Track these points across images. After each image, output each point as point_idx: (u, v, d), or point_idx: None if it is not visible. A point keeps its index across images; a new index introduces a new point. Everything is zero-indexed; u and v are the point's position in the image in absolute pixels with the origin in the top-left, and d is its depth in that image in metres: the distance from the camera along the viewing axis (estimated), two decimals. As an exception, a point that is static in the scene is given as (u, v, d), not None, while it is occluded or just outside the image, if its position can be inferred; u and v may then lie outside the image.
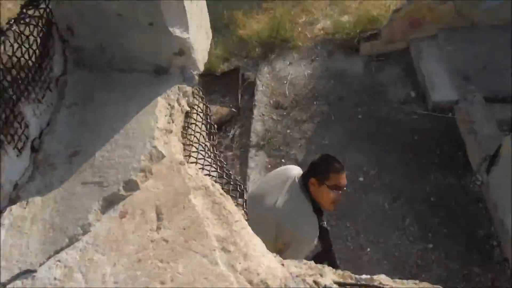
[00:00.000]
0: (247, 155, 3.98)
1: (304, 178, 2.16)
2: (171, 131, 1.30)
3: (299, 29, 5.33)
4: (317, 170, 2.12)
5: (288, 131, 4.20)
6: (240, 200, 1.29)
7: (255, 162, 3.88)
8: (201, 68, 1.51)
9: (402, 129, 4.11)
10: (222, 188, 1.22)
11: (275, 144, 4.06)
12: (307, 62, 4.94)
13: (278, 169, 2.41)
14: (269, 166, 3.89)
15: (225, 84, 4.87)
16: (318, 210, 2.16)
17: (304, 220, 2.10)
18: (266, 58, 5.01)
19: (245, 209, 1.26)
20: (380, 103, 4.38)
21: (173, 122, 1.33)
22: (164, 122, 1.30)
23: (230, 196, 1.25)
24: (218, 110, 4.46)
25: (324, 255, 2.38)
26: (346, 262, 3.20)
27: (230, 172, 1.46)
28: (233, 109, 4.54)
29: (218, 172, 1.40)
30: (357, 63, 4.86)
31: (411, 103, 4.40)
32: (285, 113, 4.38)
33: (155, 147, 1.21)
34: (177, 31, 1.34)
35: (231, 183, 1.36)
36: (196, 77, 1.47)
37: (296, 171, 2.28)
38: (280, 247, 2.07)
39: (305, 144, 4.06)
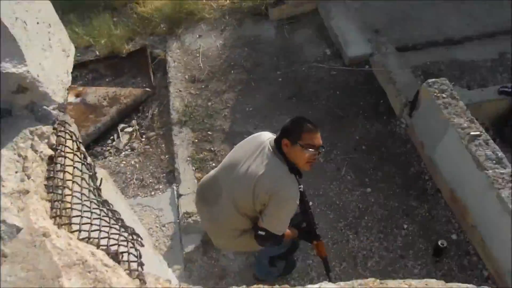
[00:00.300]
0: (171, 133, 3.67)
1: (277, 141, 2.08)
2: (27, 192, 0.98)
3: (204, 0, 5.08)
4: (289, 131, 2.05)
5: (210, 103, 3.95)
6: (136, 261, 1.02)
7: (181, 139, 3.59)
8: (62, 96, 1.19)
9: (324, 86, 4.07)
10: (110, 252, 0.95)
11: (198, 118, 3.79)
12: (217, 33, 4.71)
13: (249, 137, 2.29)
14: (196, 140, 3.62)
15: (134, 65, 4.48)
16: (296, 171, 2.09)
17: (282, 180, 2.03)
18: (174, 33, 4.69)
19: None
20: (298, 64, 4.30)
21: (29, 178, 1.01)
22: (14, 182, 0.97)
23: (127, 252, 1.00)
24: (131, 92, 4.07)
25: (302, 217, 2.33)
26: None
27: (121, 218, 1.16)
28: (147, 89, 4.17)
29: (108, 225, 1.10)
30: (269, 28, 4.74)
31: (328, 61, 4.37)
32: (203, 86, 4.13)
33: (3, 221, 0.88)
34: (7, 66, 1.02)
35: (126, 235, 1.09)
36: (56, 112, 1.16)
37: (267, 136, 2.21)
38: (260, 208, 2.05)
39: (229, 114, 3.84)
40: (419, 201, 3.15)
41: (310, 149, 2.03)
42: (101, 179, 1.26)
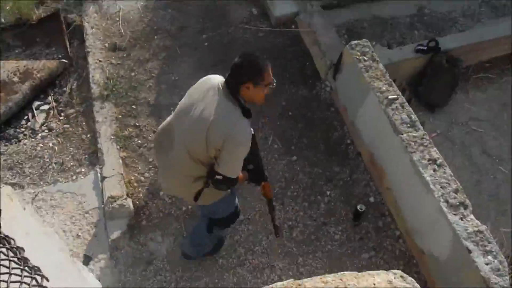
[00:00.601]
0: (92, 109, 3.50)
1: (231, 85, 2.09)
2: None
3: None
4: (250, 74, 2.05)
5: (133, 73, 3.77)
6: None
7: (103, 116, 3.43)
8: None
9: (251, 48, 3.99)
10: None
11: (121, 91, 3.63)
12: (138, -7, 4.42)
13: (199, 81, 2.30)
14: (120, 116, 3.49)
15: (46, 32, 4.12)
16: (247, 113, 2.12)
17: (237, 125, 2.06)
18: (90, -5, 4.34)
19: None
20: (224, 26, 4.17)
21: None
22: None
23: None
24: (45, 65, 3.78)
25: (252, 159, 2.34)
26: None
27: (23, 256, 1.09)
28: (64, 60, 3.89)
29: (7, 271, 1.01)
30: (192, -14, 4.50)
31: (255, 21, 4.27)
32: (125, 55, 3.91)
33: None
34: None
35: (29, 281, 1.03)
36: None
37: (217, 79, 2.20)
38: (214, 154, 2.09)
39: (154, 85, 3.71)
40: (341, 166, 3.30)
41: (270, 86, 2.12)
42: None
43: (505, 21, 3.99)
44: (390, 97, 2.95)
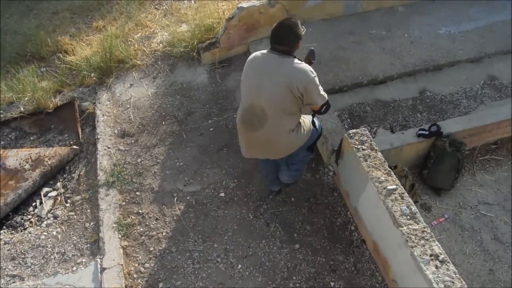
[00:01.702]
0: (97, 196, 3.57)
1: (287, 48, 2.73)
2: None
3: (136, 46, 5.02)
4: (299, 35, 2.75)
5: (139, 159, 3.88)
6: None
7: (107, 203, 3.49)
8: None
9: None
10: None
11: (126, 177, 3.71)
12: (149, 81, 4.67)
13: (248, 65, 2.87)
14: (124, 203, 3.54)
15: (61, 120, 4.34)
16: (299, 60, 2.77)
17: (304, 69, 2.69)
18: (104, 84, 4.60)
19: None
20: (230, 111, 4.32)
21: None
22: None
23: None
24: (57, 151, 3.94)
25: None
26: (220, 286, 3.06)
27: None
28: (74, 146, 4.05)
29: None
30: (201, 73, 4.74)
31: (260, 106, 4.41)
32: (133, 141, 4.05)
33: None
34: None
35: None
36: None
37: (263, 54, 2.80)
38: (298, 96, 2.70)
39: (159, 170, 3.79)
40: (345, 255, 3.21)
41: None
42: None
43: (507, 104, 4.01)
44: (389, 187, 2.92)
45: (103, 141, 4.01)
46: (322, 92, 2.80)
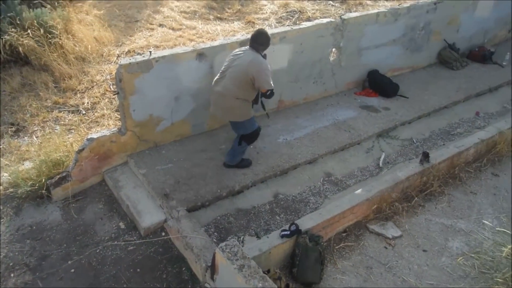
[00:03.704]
0: None
1: (255, 46, 4.44)
2: None
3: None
4: (265, 43, 4.48)
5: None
6: None
7: None
8: None
9: (123, 266, 3.88)
10: None
11: None
12: (-10, 229, 4.13)
13: (232, 53, 4.61)
14: None
15: None
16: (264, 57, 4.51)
17: (259, 61, 4.34)
18: None
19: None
20: (92, 246, 4.05)
21: None
22: None
23: None
24: None
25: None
26: None
27: None
28: None
29: None
30: (53, 211, 4.41)
31: (124, 235, 4.25)
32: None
33: None
34: None
35: None
36: None
37: (244, 48, 4.56)
38: (250, 77, 4.30)
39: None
40: None
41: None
42: None
43: (346, 195, 4.68)
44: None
45: None
46: (269, 81, 4.32)
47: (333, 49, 6.31)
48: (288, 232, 4.00)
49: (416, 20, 7.11)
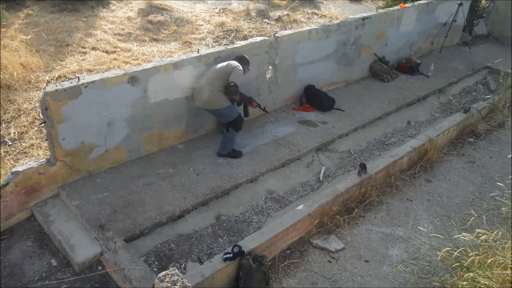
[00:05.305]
0: None
1: (239, 61, 5.44)
2: None
3: None
4: (244, 62, 5.51)
5: None
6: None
7: None
8: None
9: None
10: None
11: None
12: None
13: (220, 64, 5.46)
14: None
15: None
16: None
17: (235, 66, 5.23)
18: None
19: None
20: (19, 290, 3.73)
21: None
22: None
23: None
24: None
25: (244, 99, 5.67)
26: None
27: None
28: None
29: None
30: (-26, 255, 4.03)
31: (56, 273, 3.97)
32: None
33: None
34: None
35: None
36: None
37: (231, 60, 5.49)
38: (229, 72, 5.20)
39: None
40: None
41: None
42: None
43: (288, 211, 4.68)
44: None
45: None
46: (239, 79, 5.18)
47: (269, 67, 6.39)
48: (231, 255, 3.91)
49: (346, 36, 7.39)
